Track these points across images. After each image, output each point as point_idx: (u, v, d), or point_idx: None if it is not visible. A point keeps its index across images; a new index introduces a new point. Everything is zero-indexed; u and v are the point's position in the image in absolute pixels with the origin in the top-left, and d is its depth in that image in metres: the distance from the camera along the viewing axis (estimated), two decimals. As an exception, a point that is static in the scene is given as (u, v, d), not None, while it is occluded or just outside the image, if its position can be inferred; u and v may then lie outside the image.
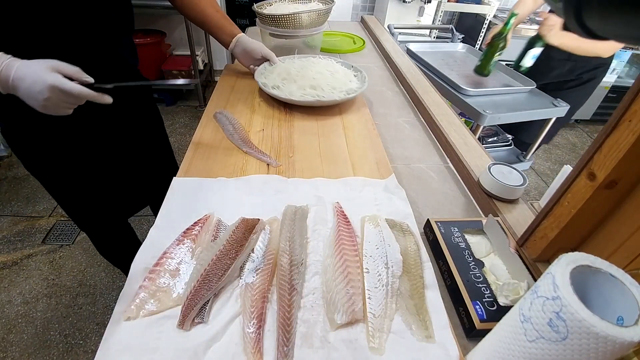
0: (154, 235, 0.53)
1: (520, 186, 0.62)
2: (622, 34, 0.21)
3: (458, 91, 1.39)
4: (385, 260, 0.50)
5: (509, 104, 1.38)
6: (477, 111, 1.29)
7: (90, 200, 0.89)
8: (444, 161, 0.80)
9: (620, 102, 0.38)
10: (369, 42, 1.51)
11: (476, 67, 1.43)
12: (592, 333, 0.26)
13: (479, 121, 1.30)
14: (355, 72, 1.00)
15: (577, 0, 0.20)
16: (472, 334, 0.44)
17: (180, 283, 0.46)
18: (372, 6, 3.02)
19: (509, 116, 1.32)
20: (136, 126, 0.87)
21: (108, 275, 1.52)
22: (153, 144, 0.95)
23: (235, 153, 0.72)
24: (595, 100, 2.85)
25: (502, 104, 1.36)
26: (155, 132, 0.95)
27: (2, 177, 1.98)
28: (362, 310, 0.44)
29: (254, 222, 0.53)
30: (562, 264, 0.30)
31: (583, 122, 3.08)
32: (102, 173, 0.84)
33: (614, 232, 0.44)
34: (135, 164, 0.91)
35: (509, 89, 1.44)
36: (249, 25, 2.61)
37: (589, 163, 0.42)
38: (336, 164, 0.71)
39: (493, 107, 1.32)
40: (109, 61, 0.73)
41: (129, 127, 0.85)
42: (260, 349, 0.40)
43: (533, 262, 0.51)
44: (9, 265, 1.54)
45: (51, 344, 1.28)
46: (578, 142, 2.83)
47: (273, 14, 1.03)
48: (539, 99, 1.44)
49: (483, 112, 1.27)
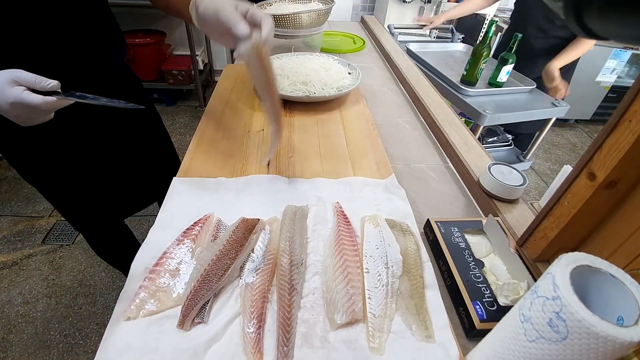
0: (154, 235, 0.53)
1: (520, 186, 0.62)
2: (622, 34, 0.21)
3: (458, 91, 1.39)
4: (385, 260, 0.50)
5: (509, 103, 1.38)
6: (477, 111, 1.29)
7: (86, 202, 0.88)
8: (444, 161, 0.80)
9: (620, 102, 0.38)
10: (369, 42, 1.51)
11: (462, 76, 1.42)
12: (592, 333, 0.26)
13: (479, 121, 1.30)
14: (350, 69, 1.00)
15: (577, 1, 0.20)
16: (472, 334, 0.44)
17: (180, 283, 0.46)
18: (372, 6, 3.02)
19: (509, 116, 1.32)
20: (130, 126, 0.85)
21: (108, 275, 1.52)
22: (151, 142, 0.93)
23: (235, 153, 0.72)
24: (595, 100, 2.85)
25: (501, 104, 1.36)
26: (152, 131, 0.93)
27: (2, 177, 1.98)
28: (362, 310, 0.44)
29: (254, 222, 0.53)
30: (562, 264, 0.30)
31: (583, 122, 3.07)
32: (96, 174, 0.83)
33: (614, 232, 0.44)
34: (132, 164, 0.89)
35: (509, 89, 1.44)
36: (249, 25, 2.60)
37: (589, 163, 0.42)
38: (336, 164, 0.71)
39: (493, 107, 1.32)
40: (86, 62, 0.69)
41: (121, 127, 0.83)
42: (260, 349, 0.40)
43: (533, 262, 0.51)
44: (9, 265, 1.54)
45: (51, 344, 1.28)
46: (578, 142, 2.83)
47: (273, 14, 1.03)
48: (539, 99, 1.44)
49: (483, 112, 1.27)
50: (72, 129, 0.74)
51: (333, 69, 0.96)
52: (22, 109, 0.49)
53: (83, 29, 0.66)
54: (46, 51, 0.62)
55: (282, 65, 0.95)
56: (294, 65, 0.94)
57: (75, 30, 0.65)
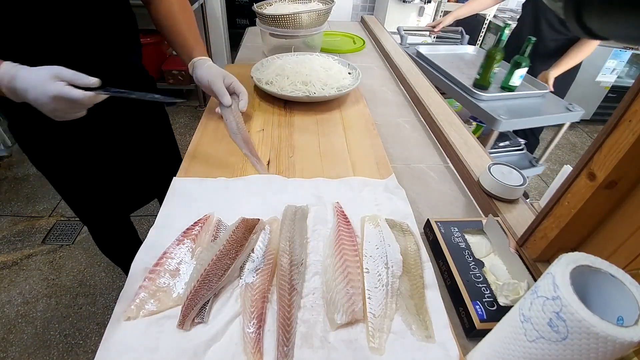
0: (154, 235, 0.53)
1: (520, 186, 0.62)
2: (622, 34, 0.21)
3: (471, 95, 1.36)
4: (385, 260, 0.50)
5: (523, 108, 1.34)
6: (491, 116, 1.25)
7: (95, 195, 0.89)
8: (444, 161, 0.80)
9: (620, 102, 0.38)
10: (369, 42, 1.51)
11: (475, 80, 1.40)
12: (592, 333, 0.26)
13: (494, 126, 1.26)
14: (350, 69, 1.00)
15: (577, 0, 0.20)
16: (472, 334, 0.44)
17: (180, 283, 0.46)
18: (372, 6, 3.02)
19: (524, 121, 1.28)
20: (143, 123, 0.87)
21: (108, 275, 1.52)
22: (159, 140, 0.95)
23: (235, 153, 0.72)
24: (595, 100, 2.85)
25: (515, 108, 1.32)
26: (161, 129, 0.96)
27: (2, 177, 1.98)
28: (362, 310, 0.44)
29: (254, 222, 0.53)
30: (562, 264, 0.30)
31: (583, 122, 3.07)
32: (108, 168, 0.85)
33: (614, 232, 0.44)
34: (141, 159, 0.91)
35: (522, 92, 1.41)
36: (249, 25, 2.61)
37: (589, 163, 0.42)
38: (336, 164, 0.71)
39: (506, 111, 1.28)
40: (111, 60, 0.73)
41: (135, 123, 0.85)
42: (260, 349, 0.40)
43: (533, 262, 0.51)
44: (9, 265, 1.54)
45: (51, 344, 1.28)
46: (578, 142, 2.83)
47: (273, 14, 1.03)
48: (553, 102, 1.40)
49: (498, 117, 1.23)
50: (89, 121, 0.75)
51: (333, 69, 0.96)
52: (63, 103, 0.52)
53: (111, 28, 0.70)
54: (77, 49, 0.65)
55: (282, 65, 0.95)
56: (294, 65, 0.94)
57: (103, 30, 0.68)
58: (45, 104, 0.52)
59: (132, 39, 0.78)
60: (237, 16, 3.58)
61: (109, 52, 0.71)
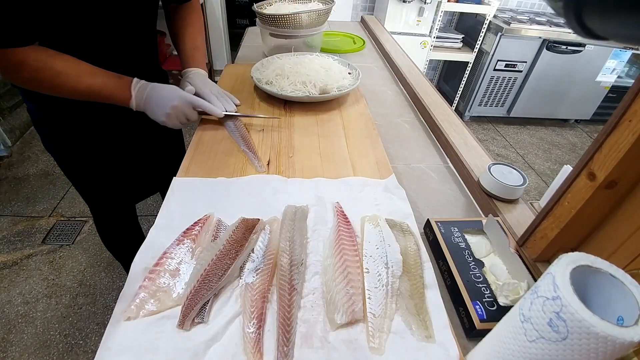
0: (154, 235, 0.53)
1: (520, 186, 0.62)
2: (622, 34, 0.21)
3: None
4: (385, 260, 0.50)
5: None
6: None
7: (108, 183, 0.92)
8: (444, 161, 0.80)
9: (620, 102, 0.38)
10: (369, 42, 1.51)
11: None
12: (592, 333, 0.26)
13: None
14: (350, 69, 1.00)
15: (577, 0, 0.20)
16: (472, 334, 0.44)
17: (180, 283, 0.46)
18: (372, 6, 3.01)
19: None
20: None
21: (108, 275, 1.52)
22: (169, 135, 0.99)
23: (235, 153, 0.72)
24: (595, 100, 2.85)
25: None
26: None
27: (2, 177, 1.98)
28: (362, 310, 0.44)
29: (254, 222, 0.53)
30: (562, 264, 0.30)
31: (583, 122, 3.08)
32: (122, 158, 0.89)
33: (614, 232, 0.44)
34: (152, 153, 0.95)
35: None
36: (249, 25, 2.61)
37: (589, 163, 0.42)
38: (336, 164, 0.71)
39: None
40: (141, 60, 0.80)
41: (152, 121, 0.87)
42: (260, 349, 0.40)
43: (533, 262, 0.51)
44: (9, 265, 1.54)
45: (51, 344, 1.28)
46: (578, 142, 2.83)
47: (273, 14, 1.03)
48: None
49: None
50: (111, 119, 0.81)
51: (333, 69, 0.96)
52: (181, 106, 0.70)
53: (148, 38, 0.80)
54: (118, 56, 0.72)
55: (282, 65, 0.95)
56: (294, 65, 0.94)
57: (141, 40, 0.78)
58: (170, 99, 0.70)
59: (154, 40, 0.86)
60: (237, 16, 3.58)
61: (146, 61, 0.82)
